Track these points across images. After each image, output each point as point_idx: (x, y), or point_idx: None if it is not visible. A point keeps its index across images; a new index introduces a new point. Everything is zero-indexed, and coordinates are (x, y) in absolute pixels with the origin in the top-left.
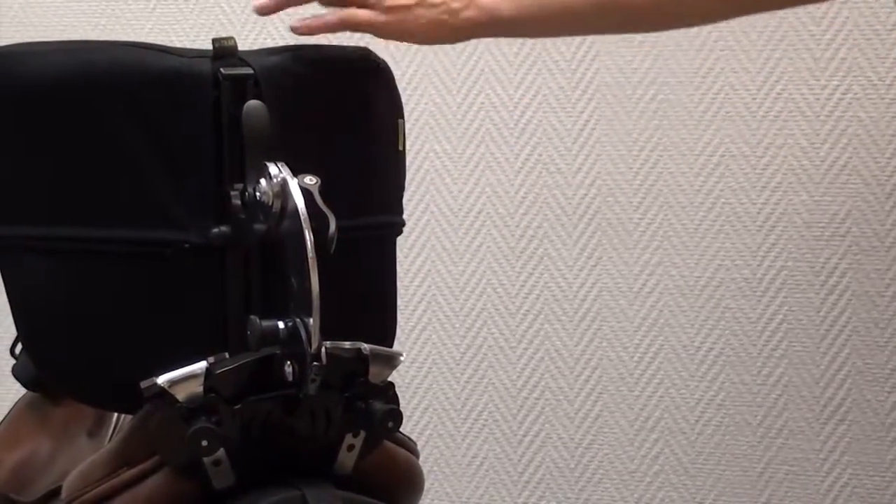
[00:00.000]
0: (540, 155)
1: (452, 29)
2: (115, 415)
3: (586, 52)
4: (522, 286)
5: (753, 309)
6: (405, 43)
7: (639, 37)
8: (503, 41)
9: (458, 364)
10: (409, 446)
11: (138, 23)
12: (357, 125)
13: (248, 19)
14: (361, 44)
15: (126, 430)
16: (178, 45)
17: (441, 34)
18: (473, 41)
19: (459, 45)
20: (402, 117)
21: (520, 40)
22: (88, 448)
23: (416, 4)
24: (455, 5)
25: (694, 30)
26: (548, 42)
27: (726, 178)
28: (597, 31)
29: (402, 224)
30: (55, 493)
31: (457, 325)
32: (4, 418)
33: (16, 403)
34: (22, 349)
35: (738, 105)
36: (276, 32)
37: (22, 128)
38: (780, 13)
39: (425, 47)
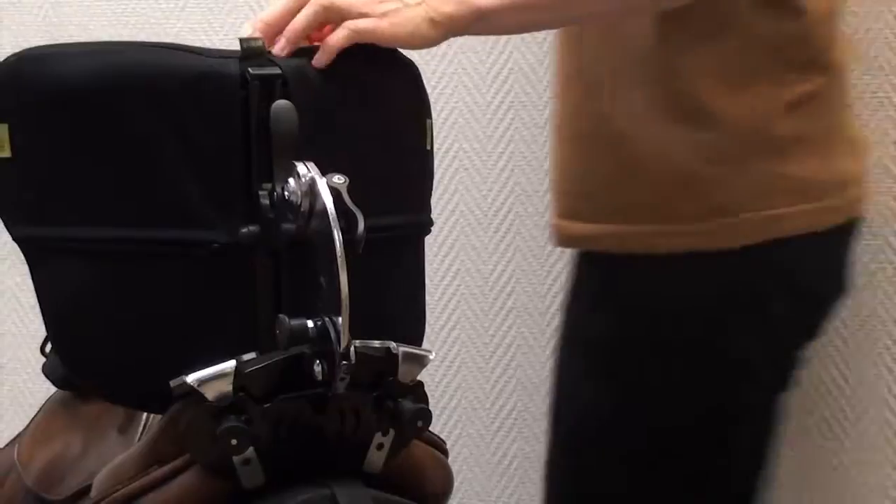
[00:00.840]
0: None
1: (436, 25)
2: (145, 412)
3: None
4: (552, 285)
5: None
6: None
7: None
8: (530, 39)
9: (488, 363)
10: (439, 445)
11: (168, 22)
12: (385, 124)
13: None
14: None
15: (156, 428)
16: (207, 44)
17: (429, 33)
18: (503, 39)
19: (489, 44)
20: (430, 116)
21: (552, 33)
22: (119, 446)
23: (403, 6)
24: (435, 3)
25: None
26: None
27: None
28: (576, 18)
29: (431, 223)
30: (85, 491)
31: (486, 324)
32: (35, 416)
33: (46, 401)
34: (52, 348)
35: None
36: None
37: (50, 130)
38: None
39: (455, 46)
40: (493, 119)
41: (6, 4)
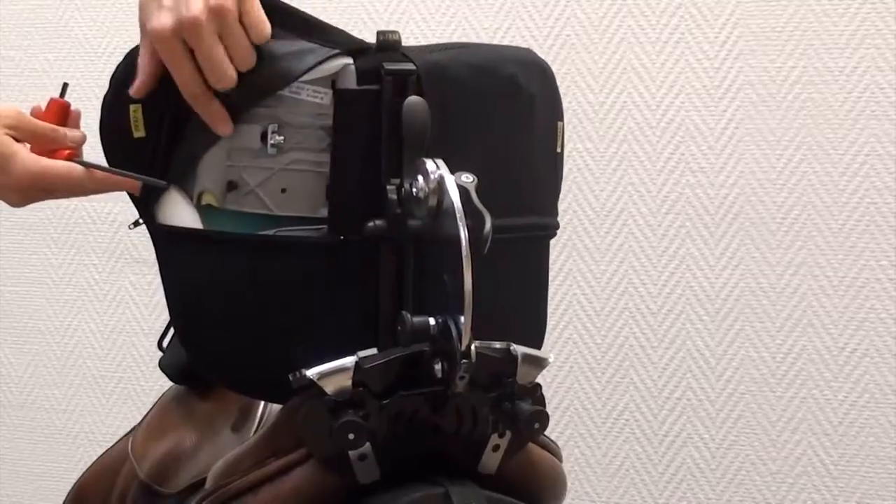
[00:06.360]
0: (682, 154)
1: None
2: (260, 410)
3: (729, 51)
4: (664, 286)
5: None
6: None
7: (784, 35)
8: (644, 39)
9: (599, 364)
10: (553, 449)
11: None
12: (518, 126)
13: (402, 17)
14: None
15: (273, 420)
16: None
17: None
18: (616, 38)
19: (602, 44)
20: (562, 119)
21: (665, 34)
22: (232, 442)
23: None
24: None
25: (840, 28)
26: (691, 41)
27: (871, 178)
28: None
29: (557, 227)
30: (198, 485)
31: (598, 325)
32: (150, 410)
33: (160, 396)
34: (169, 343)
35: (884, 103)
36: (427, 30)
37: (182, 114)
38: None
39: (567, 47)
40: (606, 119)
41: None
